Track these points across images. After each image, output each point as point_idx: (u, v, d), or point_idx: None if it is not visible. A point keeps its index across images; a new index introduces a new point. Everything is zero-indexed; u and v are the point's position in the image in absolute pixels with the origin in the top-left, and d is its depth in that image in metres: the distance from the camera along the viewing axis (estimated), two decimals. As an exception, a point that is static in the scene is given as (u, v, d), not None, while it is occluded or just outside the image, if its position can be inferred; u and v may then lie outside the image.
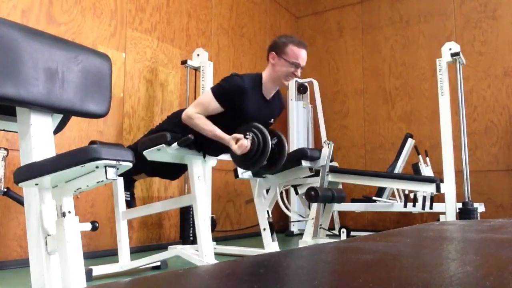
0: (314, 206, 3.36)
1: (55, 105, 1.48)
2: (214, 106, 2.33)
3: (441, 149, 3.47)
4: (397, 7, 5.46)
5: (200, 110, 2.35)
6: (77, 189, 1.37)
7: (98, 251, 3.18)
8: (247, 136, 2.24)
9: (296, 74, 2.43)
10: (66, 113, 1.61)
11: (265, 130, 2.28)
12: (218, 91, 2.34)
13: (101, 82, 1.63)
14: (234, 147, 2.24)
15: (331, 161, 3.43)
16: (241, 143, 2.22)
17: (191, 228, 3.52)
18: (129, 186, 2.83)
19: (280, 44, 2.43)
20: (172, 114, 2.67)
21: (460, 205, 3.29)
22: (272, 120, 2.57)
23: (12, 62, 1.35)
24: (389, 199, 4.38)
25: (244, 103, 2.33)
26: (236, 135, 2.25)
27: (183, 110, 2.56)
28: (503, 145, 4.71)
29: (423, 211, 3.65)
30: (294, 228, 5.00)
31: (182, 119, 2.39)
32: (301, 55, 2.42)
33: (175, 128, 2.43)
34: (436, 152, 4.30)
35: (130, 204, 2.80)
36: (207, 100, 2.36)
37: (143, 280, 0.75)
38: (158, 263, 2.69)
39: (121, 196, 2.64)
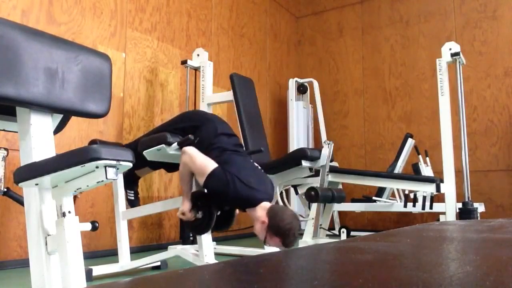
0: (314, 206, 3.36)
1: (55, 105, 1.48)
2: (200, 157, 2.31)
3: (441, 149, 3.47)
4: (397, 7, 5.46)
5: (197, 161, 2.29)
6: (77, 189, 1.37)
7: (98, 251, 3.18)
8: (198, 214, 2.31)
9: (262, 239, 2.28)
10: (66, 113, 1.61)
11: (214, 211, 2.28)
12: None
13: (101, 82, 1.63)
14: (179, 212, 2.33)
15: (331, 161, 3.43)
16: (186, 216, 2.31)
17: (191, 228, 3.52)
18: (132, 185, 2.83)
19: (276, 229, 2.17)
20: (176, 116, 2.69)
21: (460, 205, 3.29)
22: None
23: (12, 62, 1.35)
24: (389, 199, 4.38)
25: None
26: (186, 210, 2.29)
27: (184, 112, 2.57)
28: (503, 145, 4.71)
29: (423, 211, 3.65)
30: (294, 228, 4.99)
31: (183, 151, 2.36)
32: (278, 246, 2.25)
33: (175, 130, 2.44)
34: (436, 152, 4.30)
35: (134, 203, 2.79)
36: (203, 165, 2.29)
37: (143, 280, 0.75)
38: (158, 263, 2.69)
39: (121, 196, 2.64)
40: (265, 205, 2.23)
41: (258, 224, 2.22)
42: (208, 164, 2.23)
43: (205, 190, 2.29)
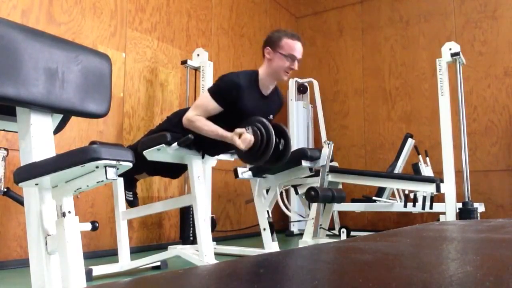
0: (314, 206, 3.36)
1: (55, 105, 1.48)
2: (213, 106, 2.33)
3: (441, 149, 3.47)
4: (397, 7, 5.46)
5: (199, 112, 2.35)
6: (77, 189, 1.37)
7: (98, 251, 3.18)
8: (248, 130, 2.23)
9: (293, 67, 2.43)
10: (66, 113, 1.61)
11: (266, 121, 2.27)
12: (215, 90, 2.35)
13: (101, 82, 1.63)
14: (238, 142, 2.22)
15: (331, 161, 3.43)
16: (244, 137, 2.21)
17: (191, 228, 3.52)
18: (131, 186, 2.83)
19: (274, 38, 2.44)
20: (171, 114, 2.67)
21: (460, 205, 3.29)
22: (272, 116, 2.56)
23: (12, 62, 1.35)
24: (389, 199, 4.38)
25: (241, 100, 2.33)
26: (238, 130, 2.25)
27: (182, 110, 2.56)
28: (503, 145, 4.71)
29: (423, 211, 3.65)
30: (294, 228, 5.00)
31: (183, 123, 2.38)
32: (296, 48, 2.42)
33: (175, 129, 2.43)
34: (436, 152, 4.30)
35: (133, 204, 2.79)
36: (205, 101, 2.36)
37: (143, 280, 0.75)
38: (158, 263, 2.69)
39: (121, 196, 2.64)
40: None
41: (272, 62, 2.41)
42: (201, 97, 2.44)
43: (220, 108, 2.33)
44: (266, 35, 2.56)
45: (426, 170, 4.18)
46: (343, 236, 3.64)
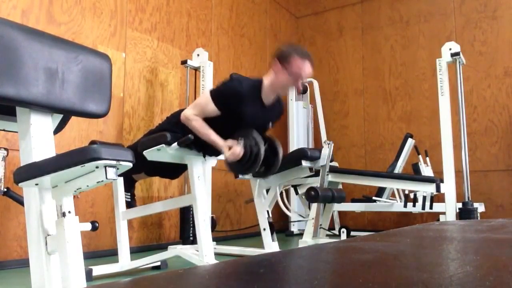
0: (314, 206, 3.36)
1: (55, 105, 1.48)
2: (211, 108, 2.33)
3: (441, 149, 3.47)
4: (397, 7, 5.46)
5: (197, 112, 2.35)
6: (77, 189, 1.37)
7: (98, 251, 3.18)
8: (240, 143, 2.25)
9: (297, 87, 2.38)
10: (66, 113, 1.61)
11: (259, 138, 2.27)
12: (216, 94, 2.34)
13: (101, 82, 1.63)
14: (227, 154, 2.26)
15: (331, 161, 3.43)
16: (234, 150, 2.24)
17: (191, 228, 3.52)
18: (129, 187, 2.83)
19: (285, 53, 2.37)
20: (171, 114, 2.67)
21: (460, 205, 3.29)
22: (271, 124, 2.55)
23: (12, 62, 1.35)
24: (389, 199, 4.38)
25: (240, 108, 2.31)
26: (229, 142, 2.26)
27: (182, 110, 2.56)
28: (503, 145, 4.70)
29: (423, 211, 3.65)
30: (294, 228, 5.00)
31: (181, 119, 2.39)
32: (305, 68, 2.36)
33: (175, 128, 2.43)
34: (436, 152, 4.30)
35: (130, 205, 2.80)
36: (205, 101, 2.36)
37: (143, 280, 0.75)
38: (158, 263, 2.69)
39: (121, 196, 2.64)
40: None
41: (277, 76, 2.36)
42: (202, 96, 2.38)
43: (219, 111, 2.32)
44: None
45: (426, 170, 4.18)
46: (343, 236, 3.64)
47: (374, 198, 4.32)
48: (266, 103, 2.46)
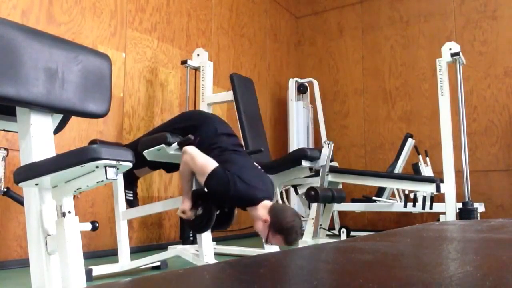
0: (314, 206, 3.36)
1: (55, 105, 1.48)
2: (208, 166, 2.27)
3: (441, 149, 3.47)
4: (397, 7, 5.46)
5: (194, 163, 2.28)
6: (77, 189, 1.37)
7: (98, 251, 3.18)
8: (199, 209, 2.31)
9: (264, 240, 2.29)
10: (66, 113, 1.61)
11: (214, 211, 2.27)
12: (210, 177, 2.21)
13: (101, 82, 1.63)
14: (179, 210, 2.33)
15: (331, 161, 3.43)
16: (186, 215, 2.31)
17: (191, 228, 3.52)
18: (131, 185, 2.83)
19: (279, 225, 2.17)
20: (171, 118, 2.68)
21: (460, 205, 3.29)
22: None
23: (12, 62, 1.35)
24: (389, 199, 4.38)
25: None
26: (184, 208, 2.30)
27: (182, 113, 2.56)
28: (503, 145, 4.70)
29: (423, 211, 3.65)
30: (294, 228, 4.99)
31: (183, 149, 2.35)
32: (278, 243, 2.25)
33: (175, 130, 2.44)
34: (436, 152, 4.30)
35: (132, 203, 2.79)
36: (205, 165, 2.25)
37: (143, 280, 0.75)
38: (158, 263, 2.69)
39: (121, 196, 2.64)
40: (266, 203, 2.23)
41: (259, 223, 2.22)
42: (208, 164, 2.22)
43: (206, 189, 2.29)
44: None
45: (426, 170, 4.18)
46: (343, 236, 3.64)
47: (374, 198, 4.32)
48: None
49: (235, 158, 2.32)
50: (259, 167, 2.45)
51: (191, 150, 2.30)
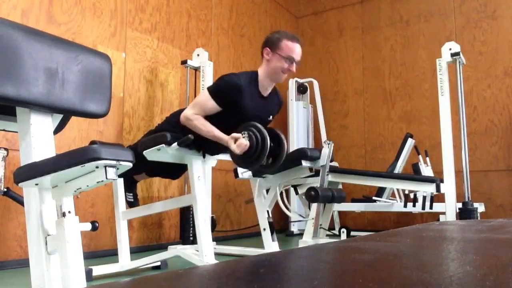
0: (314, 206, 3.36)
1: (55, 105, 1.48)
2: (211, 105, 2.33)
3: (441, 149, 3.47)
4: (397, 7, 5.46)
5: (197, 111, 2.35)
6: (77, 189, 1.37)
7: (98, 251, 3.18)
8: (244, 135, 2.24)
9: (291, 69, 2.43)
10: (66, 113, 1.61)
11: (262, 128, 2.27)
12: (214, 89, 2.35)
13: (101, 82, 1.63)
14: (233, 146, 2.23)
15: (331, 161, 3.43)
16: (240, 142, 2.22)
17: (191, 228, 3.52)
18: (131, 187, 2.83)
19: (274, 39, 2.44)
20: (170, 115, 2.67)
21: (460, 205, 3.29)
22: (271, 117, 2.56)
23: (12, 62, 1.35)
24: (389, 199, 4.38)
25: (241, 101, 2.32)
26: (234, 134, 2.25)
27: (181, 110, 2.56)
28: (503, 145, 4.70)
29: (423, 211, 3.65)
30: (294, 228, 5.00)
31: (181, 120, 2.38)
32: (296, 50, 2.43)
33: (175, 129, 2.43)
34: (436, 152, 4.30)
35: (133, 205, 2.79)
36: (204, 99, 2.36)
37: (143, 280, 0.75)
38: (158, 263, 2.69)
39: (121, 196, 2.64)
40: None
41: (270, 63, 2.42)
42: (200, 95, 2.42)
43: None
44: (266, 35, 2.56)
45: (426, 170, 4.18)
46: (343, 236, 3.64)
47: (374, 198, 4.32)
48: (264, 94, 2.47)
49: None
50: None
51: (186, 114, 2.37)
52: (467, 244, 1.14)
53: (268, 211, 3.12)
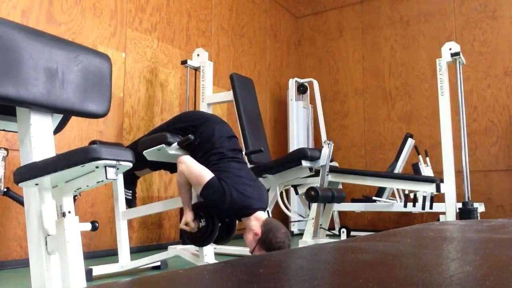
0: (314, 206, 3.36)
1: (55, 105, 1.48)
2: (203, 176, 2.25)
3: (441, 149, 3.47)
4: (397, 7, 5.46)
5: (191, 172, 2.27)
6: (77, 189, 1.37)
7: (98, 251, 3.18)
8: (201, 221, 2.28)
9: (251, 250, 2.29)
10: (66, 113, 1.61)
11: (216, 221, 2.26)
12: (207, 186, 2.21)
13: (101, 82, 1.63)
14: (182, 225, 2.30)
15: (331, 161, 3.43)
16: (190, 227, 2.26)
17: (191, 228, 3.52)
18: (131, 184, 2.83)
19: (268, 242, 2.16)
20: (171, 118, 2.68)
21: (460, 205, 3.29)
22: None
23: (12, 62, 1.35)
24: (389, 199, 4.38)
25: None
26: (189, 218, 2.26)
27: (182, 113, 2.56)
28: (503, 145, 4.71)
29: (423, 211, 3.65)
30: (294, 228, 5.00)
31: (178, 162, 2.32)
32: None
33: (175, 129, 2.44)
34: (436, 152, 4.30)
35: (131, 203, 2.79)
36: (200, 176, 2.25)
37: (143, 280, 0.75)
38: (158, 263, 2.69)
39: (121, 196, 2.64)
40: (260, 215, 2.23)
41: (250, 234, 2.21)
42: (204, 174, 2.21)
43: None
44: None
45: (426, 170, 4.18)
46: (343, 236, 3.64)
47: (374, 198, 4.32)
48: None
49: (232, 166, 2.31)
50: (254, 176, 2.44)
51: (187, 160, 2.28)
52: (467, 244, 1.14)
53: (268, 211, 3.12)
